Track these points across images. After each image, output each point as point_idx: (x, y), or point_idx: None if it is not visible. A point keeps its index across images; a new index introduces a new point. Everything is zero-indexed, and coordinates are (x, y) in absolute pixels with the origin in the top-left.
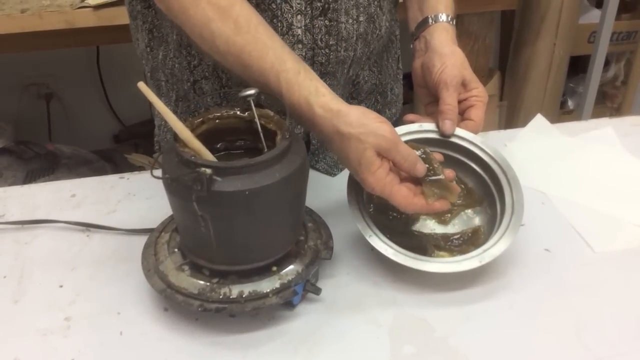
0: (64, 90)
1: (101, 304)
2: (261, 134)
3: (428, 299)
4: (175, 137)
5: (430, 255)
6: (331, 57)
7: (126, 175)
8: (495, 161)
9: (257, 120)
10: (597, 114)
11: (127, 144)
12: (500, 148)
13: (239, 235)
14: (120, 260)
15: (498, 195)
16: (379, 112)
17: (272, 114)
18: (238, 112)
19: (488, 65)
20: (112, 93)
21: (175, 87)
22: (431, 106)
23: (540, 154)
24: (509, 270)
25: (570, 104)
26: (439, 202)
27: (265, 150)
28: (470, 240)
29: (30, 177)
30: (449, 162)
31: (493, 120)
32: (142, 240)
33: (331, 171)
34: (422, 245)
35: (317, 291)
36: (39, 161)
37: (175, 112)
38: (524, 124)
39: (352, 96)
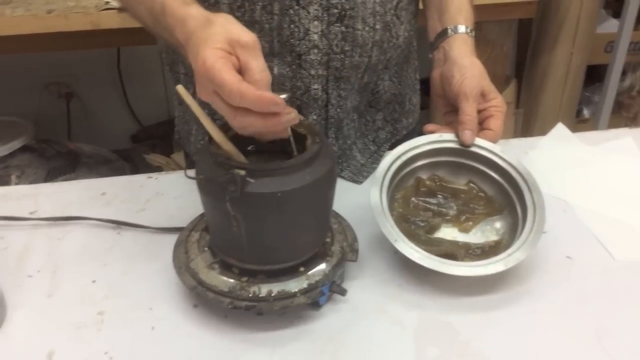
0: (84, 89)
1: (133, 299)
2: (291, 137)
3: (452, 303)
4: (210, 139)
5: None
6: (346, 62)
7: (154, 175)
8: (515, 169)
9: None
10: (613, 123)
11: (144, 144)
12: (521, 156)
13: (269, 235)
14: (151, 258)
15: (519, 202)
16: (396, 120)
17: (302, 118)
18: None
19: (505, 72)
20: (132, 93)
21: (193, 79)
22: (449, 115)
23: (561, 163)
24: (531, 277)
25: (586, 112)
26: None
27: (295, 153)
28: (491, 251)
29: (51, 175)
30: (468, 171)
31: (509, 128)
32: (171, 238)
33: (356, 179)
34: (448, 252)
35: (343, 292)
36: (60, 159)
37: None
38: (540, 131)
39: (370, 105)
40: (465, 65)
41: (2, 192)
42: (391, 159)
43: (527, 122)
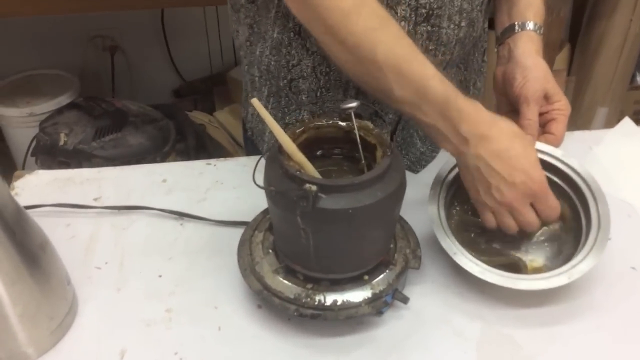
0: (127, 43)
1: (199, 297)
2: (359, 146)
3: (513, 315)
4: (280, 148)
5: (523, 272)
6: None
7: (212, 161)
8: (578, 174)
9: (356, 132)
10: None
11: (186, 100)
12: (585, 151)
13: (337, 248)
14: (214, 252)
15: (582, 209)
16: None
17: (371, 126)
18: (338, 122)
19: (560, 38)
20: (174, 48)
21: (268, 83)
22: (510, 115)
23: (628, 161)
24: (594, 288)
25: (639, 79)
26: None
27: (363, 161)
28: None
29: (99, 134)
30: None
31: None
32: (233, 232)
33: (414, 168)
34: (510, 262)
35: (405, 300)
36: (107, 118)
37: (265, 107)
38: (591, 100)
39: None
40: (528, 67)
41: (66, 175)
42: (449, 165)
43: (578, 90)
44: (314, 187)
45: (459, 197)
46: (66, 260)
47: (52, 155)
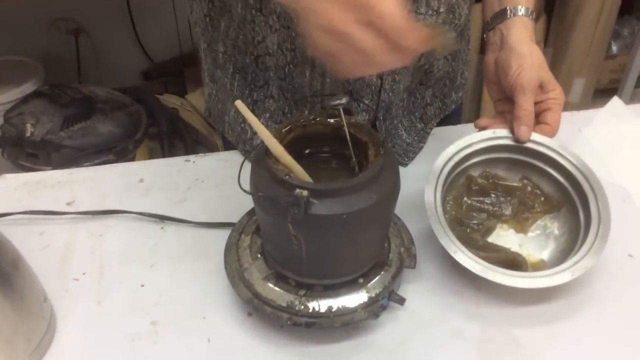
0: (92, 25)
1: (185, 306)
2: (350, 144)
3: (513, 312)
4: (266, 151)
5: (523, 268)
6: None
7: (192, 158)
8: (575, 166)
9: (346, 129)
10: None
11: (156, 82)
12: (575, 133)
13: (331, 253)
14: (199, 257)
15: (580, 202)
16: (445, 95)
17: (362, 123)
18: (327, 119)
19: (537, 10)
20: (141, 28)
21: (234, 58)
22: (502, 103)
23: (620, 142)
24: (593, 280)
25: (615, 48)
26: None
27: (354, 159)
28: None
29: (67, 124)
30: (524, 167)
31: None
32: (217, 233)
33: (402, 160)
34: (509, 258)
35: (402, 301)
36: (74, 106)
37: (232, 85)
38: (568, 72)
39: (421, 82)
40: (523, 54)
41: (36, 178)
42: (444, 159)
43: (555, 62)
44: (305, 193)
45: (453, 191)
46: (41, 272)
47: (19, 146)
